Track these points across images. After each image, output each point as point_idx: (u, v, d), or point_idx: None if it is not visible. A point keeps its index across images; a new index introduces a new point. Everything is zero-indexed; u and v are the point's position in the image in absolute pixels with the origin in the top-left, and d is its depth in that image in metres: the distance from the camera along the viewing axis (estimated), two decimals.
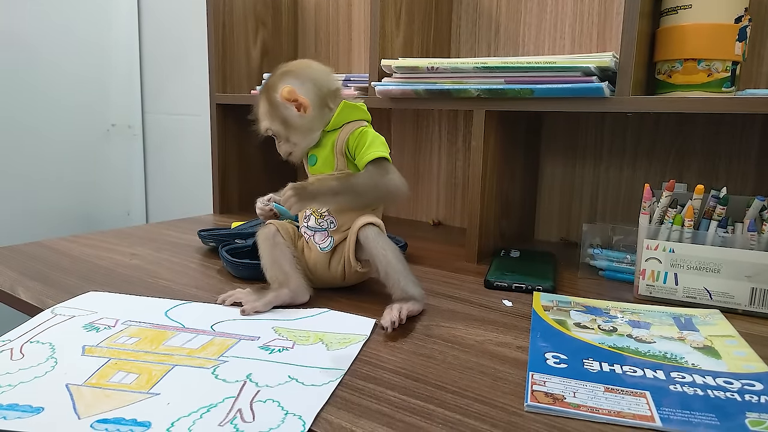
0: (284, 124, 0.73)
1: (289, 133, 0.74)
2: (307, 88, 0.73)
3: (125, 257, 0.93)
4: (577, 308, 0.73)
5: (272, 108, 0.74)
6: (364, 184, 0.72)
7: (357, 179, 0.72)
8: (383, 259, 0.70)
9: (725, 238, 0.74)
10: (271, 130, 0.75)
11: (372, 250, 0.70)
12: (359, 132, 0.74)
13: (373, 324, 0.66)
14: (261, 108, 0.75)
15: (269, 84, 0.75)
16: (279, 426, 0.45)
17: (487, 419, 0.47)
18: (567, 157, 1.11)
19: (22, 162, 1.60)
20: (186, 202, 1.78)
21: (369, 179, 0.72)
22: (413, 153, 1.31)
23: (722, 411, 0.48)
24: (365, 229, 0.71)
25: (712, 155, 0.96)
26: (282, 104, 0.72)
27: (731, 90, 0.81)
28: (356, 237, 0.71)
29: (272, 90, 0.73)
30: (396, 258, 0.70)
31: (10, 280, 0.80)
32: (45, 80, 1.63)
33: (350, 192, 0.72)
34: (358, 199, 0.73)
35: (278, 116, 0.73)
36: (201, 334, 0.63)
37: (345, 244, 0.74)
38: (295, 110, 0.72)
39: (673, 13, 0.81)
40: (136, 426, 0.45)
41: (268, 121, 0.74)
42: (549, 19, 1.09)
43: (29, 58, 1.59)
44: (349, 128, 0.74)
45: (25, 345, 0.58)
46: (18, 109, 1.58)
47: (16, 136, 1.58)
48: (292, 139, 0.74)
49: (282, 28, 1.42)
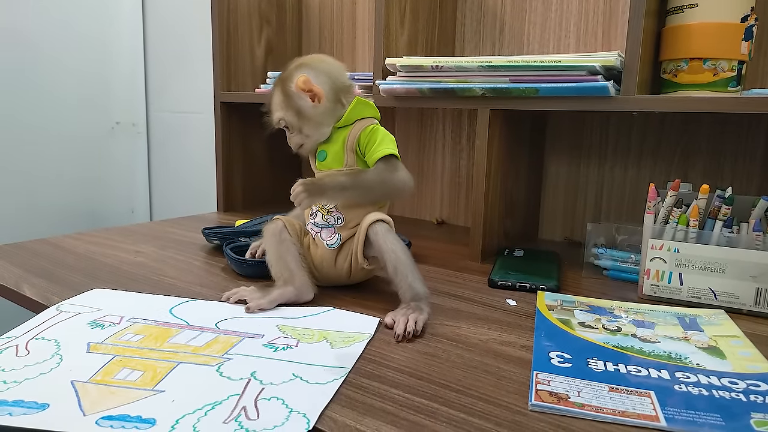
0: (298, 115, 0.73)
1: (302, 123, 0.74)
2: (321, 80, 0.73)
3: (130, 255, 0.93)
4: (582, 308, 0.73)
5: (286, 98, 0.74)
6: (372, 180, 0.72)
7: (366, 175, 0.73)
8: (392, 256, 0.69)
9: (730, 238, 0.74)
10: (285, 120, 0.74)
11: (381, 246, 0.70)
12: (371, 129, 0.74)
13: (377, 322, 0.66)
14: (275, 99, 0.75)
15: (284, 75, 0.75)
16: (283, 424, 0.45)
17: (491, 418, 0.47)
18: (571, 156, 1.11)
19: (27, 159, 1.60)
20: (190, 200, 1.78)
21: (377, 175, 0.72)
22: (417, 152, 1.31)
23: (727, 411, 0.48)
24: (375, 225, 0.71)
25: (718, 155, 0.96)
26: (296, 94, 0.73)
27: (737, 89, 0.81)
28: (365, 234, 0.72)
29: (287, 81, 0.74)
30: (405, 255, 0.70)
31: (15, 277, 0.80)
32: (49, 78, 1.63)
33: (359, 187, 0.72)
34: (367, 195, 0.73)
35: (292, 106, 0.73)
36: (205, 331, 0.63)
37: (352, 241, 0.74)
38: (309, 101, 0.73)
39: (679, 12, 0.81)
40: (141, 423, 0.45)
41: (282, 111, 0.74)
42: (554, 18, 1.08)
43: (33, 56, 1.59)
44: (360, 125, 0.74)
45: (30, 342, 0.59)
46: (22, 107, 1.58)
47: (21, 134, 1.58)
48: (304, 131, 0.74)
49: (286, 26, 1.42)
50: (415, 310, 0.66)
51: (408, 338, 0.62)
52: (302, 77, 0.72)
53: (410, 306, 0.67)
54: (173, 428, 0.44)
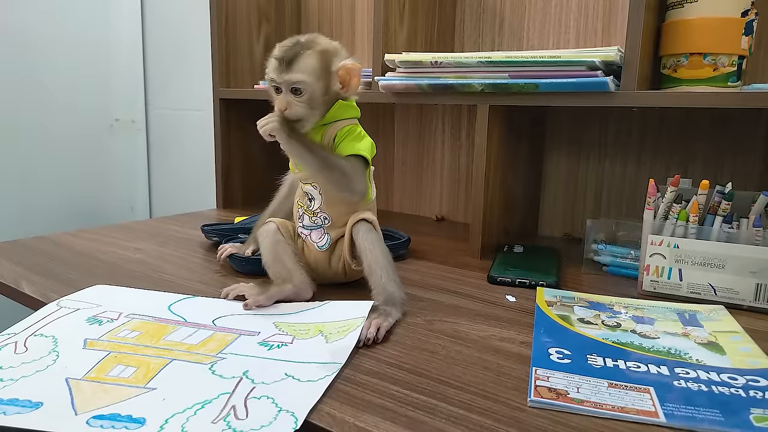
0: (323, 90, 0.71)
1: (320, 100, 0.72)
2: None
3: (129, 252, 0.93)
4: (581, 304, 0.73)
5: (324, 70, 0.71)
6: (330, 162, 0.71)
7: (330, 154, 0.72)
8: (369, 254, 0.69)
9: (730, 233, 0.74)
10: (306, 87, 0.70)
11: (360, 245, 0.70)
12: (348, 129, 0.74)
13: (371, 306, 0.65)
14: (307, 61, 0.70)
15: (324, 46, 0.72)
16: (271, 423, 0.45)
17: (490, 414, 0.47)
18: (571, 152, 1.11)
19: (26, 156, 1.60)
20: (189, 197, 1.78)
21: (339, 163, 0.71)
22: (417, 148, 1.31)
23: (727, 407, 0.48)
24: (357, 225, 0.71)
25: (718, 150, 0.96)
26: (334, 73, 0.72)
27: (737, 84, 0.81)
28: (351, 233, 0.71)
29: (331, 54, 0.72)
30: (382, 254, 0.69)
31: (14, 274, 0.80)
32: (48, 75, 1.63)
33: (319, 157, 0.70)
34: (320, 171, 0.71)
35: (325, 80, 0.71)
36: (202, 328, 0.63)
37: (343, 241, 0.74)
38: (340, 85, 0.72)
39: (679, 6, 0.81)
40: (131, 422, 0.45)
41: (311, 77, 0.70)
42: (553, 14, 1.08)
43: (32, 52, 1.59)
44: (339, 124, 0.74)
45: (29, 338, 0.58)
46: (21, 105, 1.58)
47: (20, 131, 1.58)
48: (313, 107, 0.72)
49: (285, 23, 1.41)
50: (380, 315, 0.64)
51: (368, 344, 0.60)
52: (358, 65, 0.72)
53: (378, 310, 0.65)
54: (162, 428, 0.44)
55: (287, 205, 0.83)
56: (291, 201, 0.80)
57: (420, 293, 0.77)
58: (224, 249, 0.84)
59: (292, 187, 0.83)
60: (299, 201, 0.76)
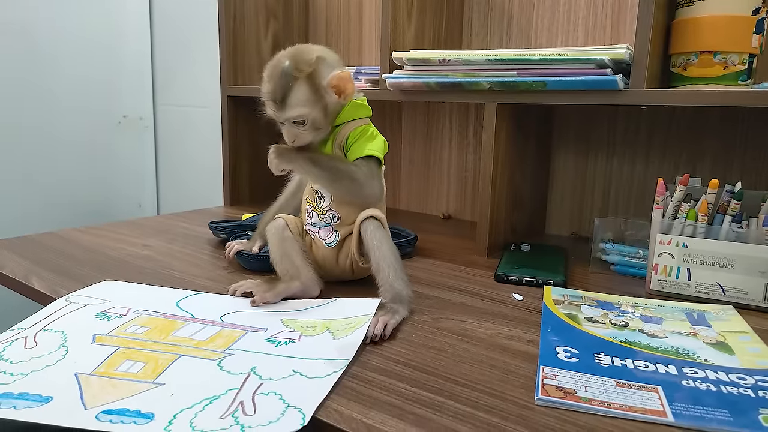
0: (323, 111, 0.71)
1: (323, 120, 0.72)
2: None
3: (137, 248, 0.94)
4: (589, 303, 0.72)
5: (316, 94, 0.70)
6: (341, 171, 0.71)
7: (338, 163, 0.71)
8: (377, 252, 0.69)
9: (739, 233, 0.74)
10: (309, 118, 0.70)
11: (368, 243, 0.70)
12: (361, 129, 0.73)
13: (378, 303, 0.66)
14: (297, 94, 0.69)
15: (314, 67, 0.70)
16: (278, 419, 0.45)
17: (497, 412, 0.47)
18: (579, 150, 1.10)
19: (34, 153, 1.61)
20: (197, 193, 1.78)
21: (347, 169, 0.71)
22: (424, 146, 1.30)
23: (735, 407, 0.48)
24: (365, 222, 0.70)
25: (727, 149, 0.95)
26: (325, 89, 0.70)
27: (747, 83, 0.80)
28: (359, 231, 0.71)
29: (314, 75, 0.70)
30: (390, 252, 0.69)
31: (24, 270, 0.80)
32: (56, 73, 1.64)
33: (327, 169, 0.71)
34: (331, 184, 0.72)
35: (321, 103, 0.71)
36: (210, 325, 0.63)
37: (351, 238, 0.74)
38: (335, 96, 0.71)
39: (689, 4, 0.80)
40: (140, 417, 0.45)
41: (309, 108, 0.69)
42: (562, 11, 1.07)
43: (40, 50, 1.59)
44: (353, 124, 0.74)
45: (38, 333, 0.59)
46: (29, 102, 1.59)
47: (28, 129, 1.59)
48: (319, 127, 0.72)
49: (293, 21, 1.41)
50: (387, 312, 0.64)
51: (375, 341, 0.60)
52: (345, 73, 0.70)
53: (385, 308, 0.65)
54: (170, 423, 0.44)
55: (295, 201, 0.83)
56: (299, 197, 0.80)
57: (427, 291, 0.77)
58: (232, 246, 0.85)
59: (300, 184, 0.83)
60: (308, 198, 0.77)
